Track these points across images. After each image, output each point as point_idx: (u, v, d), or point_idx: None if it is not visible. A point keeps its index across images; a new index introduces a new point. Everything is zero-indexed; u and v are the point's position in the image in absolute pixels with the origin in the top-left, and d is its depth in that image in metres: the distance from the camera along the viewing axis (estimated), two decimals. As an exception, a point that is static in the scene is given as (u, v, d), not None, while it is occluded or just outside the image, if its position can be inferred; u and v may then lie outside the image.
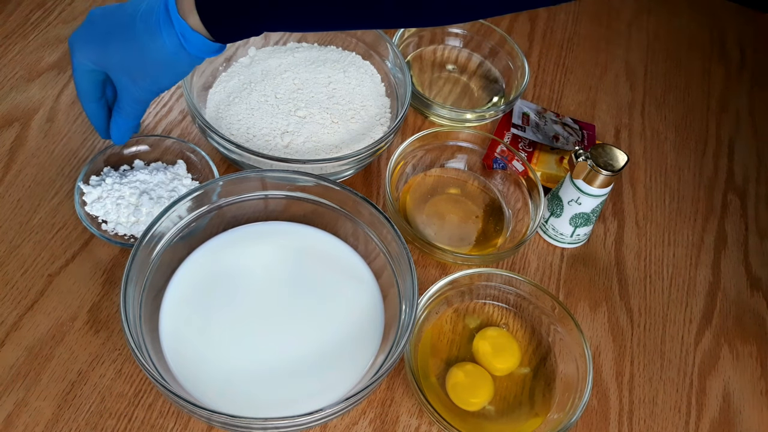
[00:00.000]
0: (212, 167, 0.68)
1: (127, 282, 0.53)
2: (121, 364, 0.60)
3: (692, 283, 0.74)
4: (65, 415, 0.57)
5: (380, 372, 0.52)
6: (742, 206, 0.81)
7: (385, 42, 0.76)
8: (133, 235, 0.65)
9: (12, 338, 0.60)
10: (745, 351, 0.70)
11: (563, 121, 0.83)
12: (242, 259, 0.63)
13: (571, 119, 0.84)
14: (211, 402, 0.54)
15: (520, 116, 0.82)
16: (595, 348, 0.67)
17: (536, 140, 0.79)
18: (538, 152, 0.79)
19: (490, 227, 0.73)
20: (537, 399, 0.62)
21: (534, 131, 0.80)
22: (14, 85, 0.76)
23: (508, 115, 0.83)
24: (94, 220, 0.65)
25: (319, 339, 0.59)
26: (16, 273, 0.63)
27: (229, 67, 0.76)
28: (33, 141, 0.72)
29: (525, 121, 0.82)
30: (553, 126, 0.82)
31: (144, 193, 0.65)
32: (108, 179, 0.66)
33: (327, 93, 0.75)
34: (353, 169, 0.71)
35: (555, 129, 0.81)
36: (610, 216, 0.77)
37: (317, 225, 0.65)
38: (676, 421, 0.64)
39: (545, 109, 0.85)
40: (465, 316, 0.66)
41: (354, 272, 0.63)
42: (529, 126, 0.81)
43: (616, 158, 0.65)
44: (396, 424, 0.60)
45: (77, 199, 0.65)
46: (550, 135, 0.81)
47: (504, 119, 0.83)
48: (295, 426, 0.51)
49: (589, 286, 0.71)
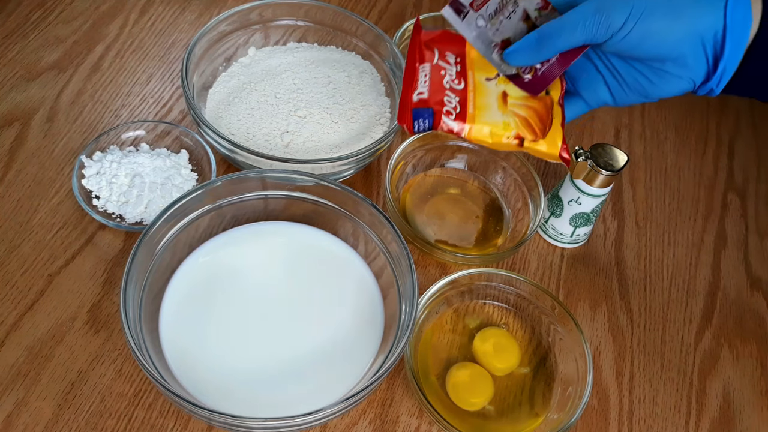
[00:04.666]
0: (212, 163, 0.69)
1: (127, 282, 0.53)
2: (121, 364, 0.60)
3: (692, 283, 0.74)
4: (65, 415, 0.57)
5: (380, 372, 0.52)
6: (742, 206, 0.81)
7: (385, 42, 0.76)
8: (121, 215, 0.66)
9: (12, 338, 0.60)
10: (745, 351, 0.70)
11: (541, 21, 0.54)
12: (242, 259, 0.63)
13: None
14: (211, 402, 0.54)
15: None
16: (595, 348, 0.67)
17: (471, 41, 0.55)
18: (472, 63, 0.56)
19: (490, 227, 0.73)
20: (537, 399, 0.62)
21: (479, 23, 0.54)
22: (14, 84, 0.76)
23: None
24: (87, 193, 0.67)
25: (319, 339, 0.59)
26: (16, 273, 0.63)
27: (229, 67, 0.76)
28: (33, 141, 0.72)
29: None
30: (519, 24, 0.54)
31: (137, 176, 0.66)
32: (109, 156, 0.68)
33: (327, 93, 0.75)
34: (353, 169, 0.71)
35: (515, 28, 0.54)
36: (610, 216, 0.77)
37: (317, 225, 0.65)
38: (676, 421, 0.64)
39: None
40: (465, 316, 0.66)
41: (354, 272, 0.63)
42: (476, 10, 0.54)
43: (616, 158, 0.65)
44: (396, 424, 0.60)
45: (75, 172, 0.67)
46: (495, 39, 0.54)
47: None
48: (295, 426, 0.51)
49: (589, 286, 0.71)
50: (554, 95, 0.56)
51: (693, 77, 0.51)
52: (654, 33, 0.49)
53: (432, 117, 0.53)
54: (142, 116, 0.76)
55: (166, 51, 0.82)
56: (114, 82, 0.78)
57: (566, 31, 0.50)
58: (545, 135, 0.54)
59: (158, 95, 0.78)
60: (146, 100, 0.77)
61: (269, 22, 0.78)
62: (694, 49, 0.49)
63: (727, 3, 0.48)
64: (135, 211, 0.66)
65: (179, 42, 0.84)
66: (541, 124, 0.54)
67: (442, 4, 0.94)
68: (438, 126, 0.53)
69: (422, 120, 0.53)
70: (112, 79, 0.79)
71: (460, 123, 0.53)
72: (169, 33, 0.84)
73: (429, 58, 0.56)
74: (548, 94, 0.56)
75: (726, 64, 0.50)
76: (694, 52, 0.50)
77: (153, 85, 0.79)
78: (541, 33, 0.51)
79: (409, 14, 0.92)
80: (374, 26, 0.76)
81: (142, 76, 0.80)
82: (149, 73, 0.80)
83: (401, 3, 0.94)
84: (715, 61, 0.50)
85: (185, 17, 0.86)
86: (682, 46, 0.49)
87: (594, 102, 0.57)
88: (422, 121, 0.53)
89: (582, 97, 0.57)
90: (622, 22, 0.49)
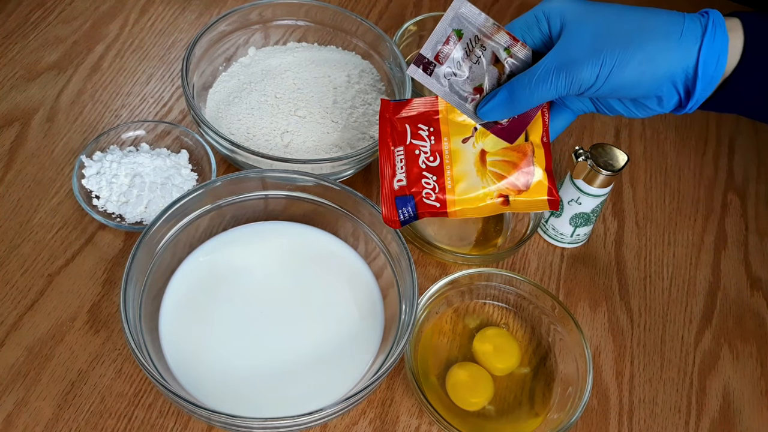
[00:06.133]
0: (212, 163, 0.69)
1: (127, 282, 0.53)
2: (121, 363, 0.60)
3: (692, 283, 0.74)
4: (65, 415, 0.57)
5: (380, 372, 0.52)
6: (742, 206, 0.81)
7: (385, 42, 0.76)
8: (121, 215, 0.66)
9: (12, 338, 0.60)
10: (745, 351, 0.70)
11: (511, 62, 0.52)
12: (242, 259, 0.63)
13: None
14: (211, 402, 0.54)
15: (444, 34, 0.51)
16: (595, 348, 0.67)
17: (443, 95, 0.53)
18: (446, 127, 0.54)
19: (490, 227, 0.73)
20: (537, 399, 0.62)
21: (448, 76, 0.52)
22: (14, 84, 0.76)
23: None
24: (87, 193, 0.67)
25: (319, 339, 0.59)
26: (16, 273, 0.63)
27: (229, 67, 0.76)
28: (33, 141, 0.72)
29: (449, 45, 0.51)
30: (489, 68, 0.52)
31: (137, 176, 0.66)
32: (109, 156, 0.68)
33: (327, 93, 0.75)
34: (353, 169, 0.71)
35: (485, 72, 0.52)
36: (610, 216, 0.77)
37: (317, 225, 0.65)
38: (676, 421, 0.64)
39: (498, 27, 0.51)
40: (465, 316, 0.66)
41: (354, 272, 0.63)
42: (441, 63, 0.51)
43: (616, 158, 0.65)
44: (396, 424, 0.60)
45: (75, 172, 0.67)
46: (466, 89, 0.52)
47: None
48: (295, 426, 0.51)
49: (589, 286, 0.71)
50: (534, 138, 0.54)
51: (664, 110, 0.53)
52: (626, 83, 0.49)
53: (414, 203, 0.54)
54: (142, 116, 0.76)
55: (166, 51, 0.82)
56: (114, 82, 0.78)
57: (538, 89, 0.50)
58: (528, 186, 0.54)
59: (158, 95, 0.78)
60: (146, 100, 0.77)
61: (269, 22, 0.78)
62: (667, 89, 0.50)
63: (701, 46, 0.48)
64: (135, 211, 0.66)
65: (179, 42, 0.84)
66: (522, 176, 0.54)
67: (442, 4, 0.95)
68: (422, 212, 0.54)
69: (406, 209, 0.54)
70: (112, 79, 0.79)
71: (440, 199, 0.54)
72: (169, 33, 0.84)
73: (402, 140, 0.55)
74: (527, 139, 0.54)
75: (697, 98, 0.50)
76: (667, 92, 0.50)
77: (153, 85, 0.79)
78: (513, 90, 0.51)
79: (409, 14, 0.92)
80: (374, 26, 0.76)
81: (142, 76, 0.80)
82: (149, 73, 0.80)
83: (401, 3, 0.94)
84: (687, 95, 0.51)
85: (185, 17, 0.86)
86: (655, 89, 0.50)
87: (580, 111, 0.57)
88: (406, 210, 0.54)
89: (568, 108, 0.57)
90: (594, 79, 0.48)
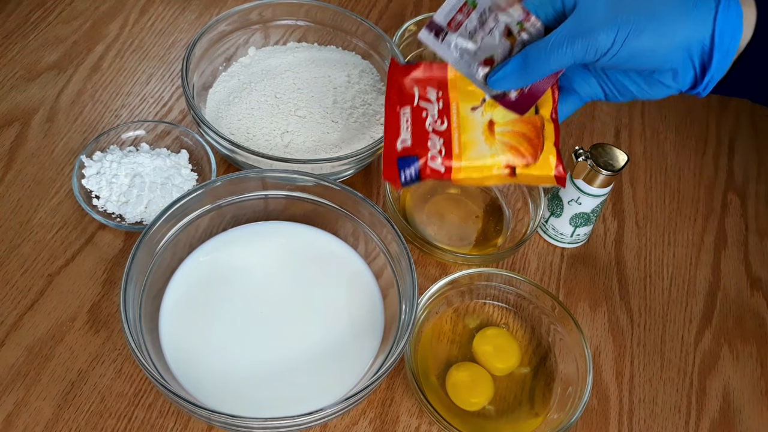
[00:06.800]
0: (212, 163, 0.69)
1: (127, 282, 0.53)
2: (121, 363, 0.60)
3: (692, 283, 0.74)
4: (65, 415, 0.57)
5: (380, 372, 0.52)
6: (742, 206, 0.81)
7: (385, 42, 0.76)
8: (121, 215, 0.66)
9: (12, 338, 0.60)
10: (745, 351, 0.70)
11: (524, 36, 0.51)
12: (242, 259, 0.63)
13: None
14: (211, 402, 0.54)
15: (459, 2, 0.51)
16: (595, 348, 0.67)
17: (453, 63, 0.52)
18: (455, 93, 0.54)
19: (490, 227, 0.73)
20: (537, 399, 0.62)
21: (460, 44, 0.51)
22: (14, 84, 0.76)
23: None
24: (87, 193, 0.67)
25: (319, 339, 0.59)
26: (16, 273, 0.63)
27: (229, 67, 0.76)
28: (33, 141, 0.72)
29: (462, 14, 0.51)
30: (501, 40, 0.51)
31: (137, 176, 0.67)
32: (109, 156, 0.68)
33: (327, 93, 0.75)
34: (353, 169, 0.71)
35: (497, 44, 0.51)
36: (610, 216, 0.77)
37: (317, 225, 0.65)
38: (676, 421, 0.64)
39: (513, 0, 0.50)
40: (465, 316, 0.66)
41: (354, 272, 0.63)
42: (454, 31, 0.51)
43: (616, 158, 0.65)
44: (396, 424, 0.60)
45: (76, 172, 0.67)
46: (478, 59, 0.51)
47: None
48: (295, 426, 0.51)
49: (589, 286, 0.71)
50: (545, 112, 0.53)
51: (680, 86, 0.51)
52: (642, 50, 0.48)
53: (418, 165, 0.52)
54: (142, 116, 0.76)
55: (166, 51, 0.82)
56: (114, 82, 0.78)
57: (553, 55, 0.48)
58: (537, 159, 0.52)
59: (158, 95, 0.78)
60: (146, 100, 0.77)
61: (269, 22, 0.78)
62: (683, 61, 0.49)
63: (716, 16, 0.48)
64: (135, 211, 0.66)
65: (179, 42, 0.84)
66: (532, 148, 0.52)
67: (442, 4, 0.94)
68: (425, 174, 0.52)
69: (408, 169, 0.52)
70: (112, 79, 0.79)
71: (446, 165, 0.52)
72: (169, 33, 0.84)
73: (409, 100, 0.53)
74: (537, 112, 0.53)
75: (713, 73, 0.50)
76: (683, 64, 0.50)
77: (153, 85, 0.79)
78: (527, 57, 0.49)
79: (409, 14, 0.92)
80: (374, 26, 0.76)
81: (142, 76, 0.80)
82: (149, 73, 0.80)
83: (401, 3, 0.94)
84: (702, 71, 0.50)
85: (185, 17, 0.86)
86: (671, 60, 0.49)
87: (588, 96, 0.56)
88: (408, 171, 0.52)
89: (576, 92, 0.56)
90: (610, 44, 0.48)
